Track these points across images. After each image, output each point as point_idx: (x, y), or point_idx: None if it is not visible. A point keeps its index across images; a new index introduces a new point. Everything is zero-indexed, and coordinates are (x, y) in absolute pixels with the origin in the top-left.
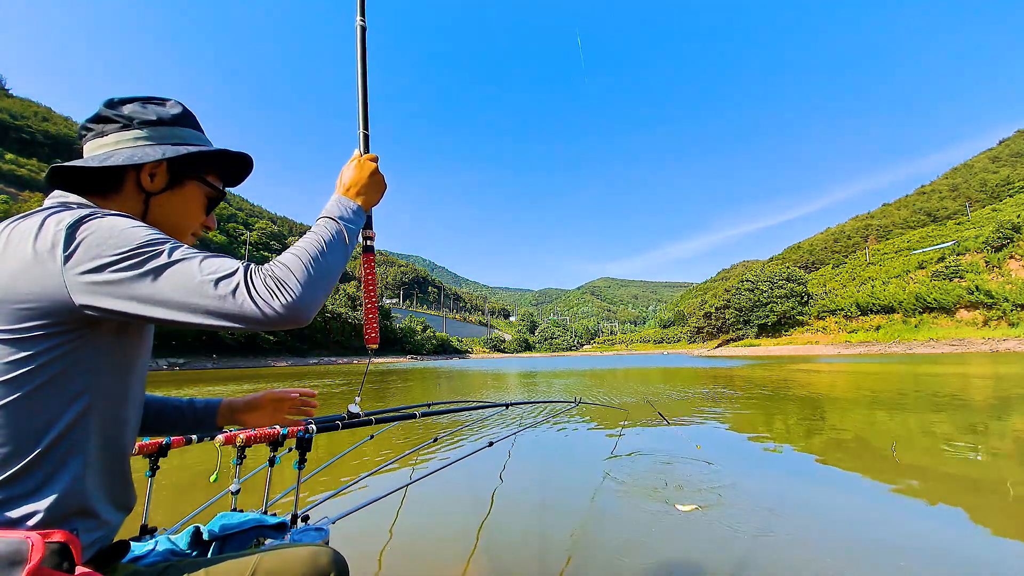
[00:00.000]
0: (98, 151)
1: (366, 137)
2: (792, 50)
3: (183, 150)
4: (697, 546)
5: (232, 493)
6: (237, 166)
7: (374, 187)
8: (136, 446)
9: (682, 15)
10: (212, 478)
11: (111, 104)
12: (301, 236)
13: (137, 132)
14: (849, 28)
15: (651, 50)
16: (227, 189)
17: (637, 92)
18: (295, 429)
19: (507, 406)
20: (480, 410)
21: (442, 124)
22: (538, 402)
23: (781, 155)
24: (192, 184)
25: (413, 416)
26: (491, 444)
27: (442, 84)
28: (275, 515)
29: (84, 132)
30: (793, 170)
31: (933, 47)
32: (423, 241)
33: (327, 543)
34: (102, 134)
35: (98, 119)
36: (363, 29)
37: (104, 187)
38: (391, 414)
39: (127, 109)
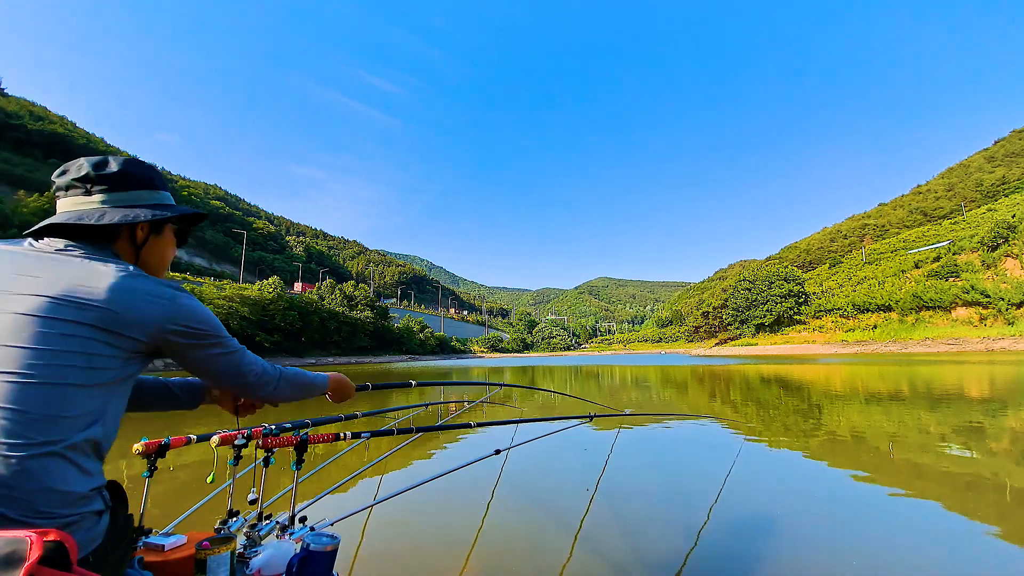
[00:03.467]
0: (83, 207)
1: (366, 387)
2: (788, 50)
3: (167, 213)
4: (698, 543)
5: (231, 493)
6: (197, 218)
7: (339, 397)
8: (143, 446)
9: (677, 20)
10: (208, 479)
11: (98, 166)
12: (298, 235)
13: (122, 194)
14: (844, 27)
15: (645, 53)
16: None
17: (634, 95)
18: (290, 429)
19: (501, 385)
20: (480, 406)
21: (441, 125)
22: (550, 419)
23: (778, 155)
24: (168, 230)
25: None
26: (498, 452)
27: (442, 84)
28: (270, 516)
29: (69, 185)
30: (790, 170)
31: (928, 47)
32: (421, 241)
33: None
34: (88, 192)
35: (85, 179)
36: None
37: (102, 238)
38: (393, 412)
39: (113, 171)
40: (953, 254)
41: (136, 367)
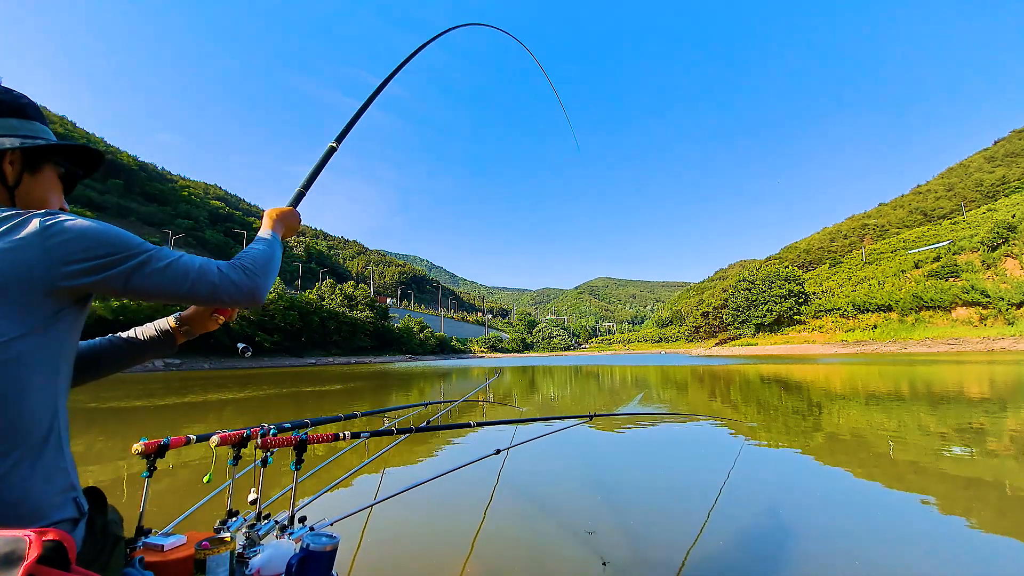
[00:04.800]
0: None
1: (302, 195)
2: (788, 50)
3: (40, 141)
4: (698, 543)
5: (230, 493)
6: (87, 157)
7: (292, 229)
8: (142, 447)
9: (677, 20)
10: (206, 479)
11: None
12: (298, 235)
13: None
14: (843, 27)
15: (646, 51)
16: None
17: (634, 95)
18: (290, 429)
19: (479, 378)
20: (480, 406)
21: (441, 125)
22: (550, 419)
23: (778, 154)
24: (49, 171)
25: (424, 405)
26: (498, 452)
27: (442, 83)
28: (269, 516)
29: None
30: (790, 169)
31: (929, 47)
32: (421, 241)
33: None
34: None
35: None
36: (332, 150)
37: None
38: (392, 412)
39: None
40: (953, 254)
41: (62, 333)
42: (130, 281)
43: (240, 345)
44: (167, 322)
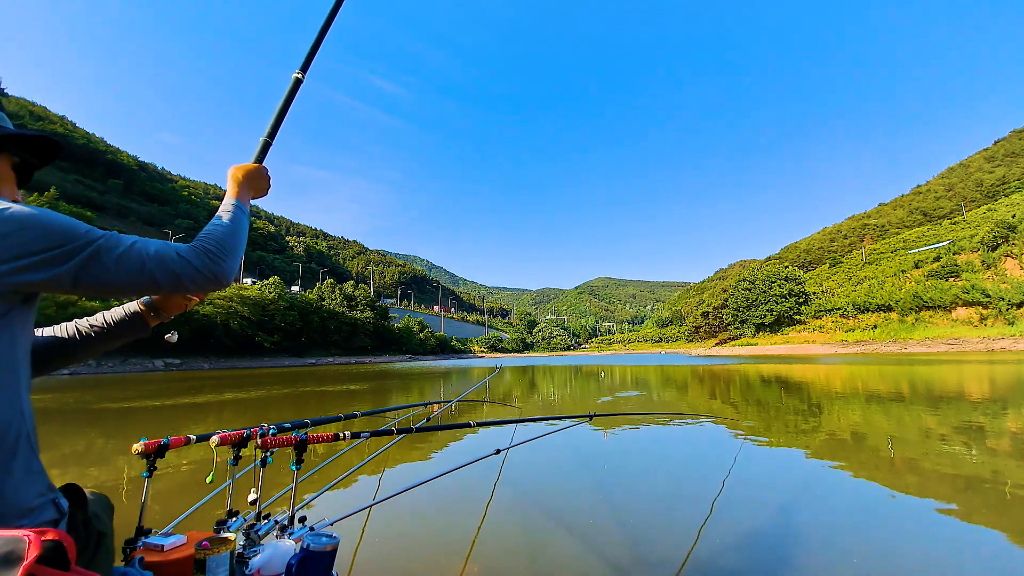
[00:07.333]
0: None
1: (268, 146)
2: (788, 50)
3: None
4: (698, 543)
5: (230, 493)
6: (44, 147)
7: (262, 190)
8: (142, 447)
9: (678, 21)
10: (208, 479)
11: None
12: (298, 235)
13: None
14: (844, 28)
15: (645, 53)
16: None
17: (635, 95)
18: (290, 429)
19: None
20: (480, 406)
21: (443, 126)
22: (550, 419)
23: (778, 155)
24: (1, 158)
25: (425, 405)
26: (498, 451)
27: (444, 85)
28: (269, 516)
29: None
30: (790, 170)
31: (929, 47)
32: (421, 241)
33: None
34: None
35: None
36: (298, 82)
37: None
38: (392, 411)
39: None
40: (953, 254)
41: (14, 332)
42: (79, 277)
43: (172, 337)
44: (136, 305)
